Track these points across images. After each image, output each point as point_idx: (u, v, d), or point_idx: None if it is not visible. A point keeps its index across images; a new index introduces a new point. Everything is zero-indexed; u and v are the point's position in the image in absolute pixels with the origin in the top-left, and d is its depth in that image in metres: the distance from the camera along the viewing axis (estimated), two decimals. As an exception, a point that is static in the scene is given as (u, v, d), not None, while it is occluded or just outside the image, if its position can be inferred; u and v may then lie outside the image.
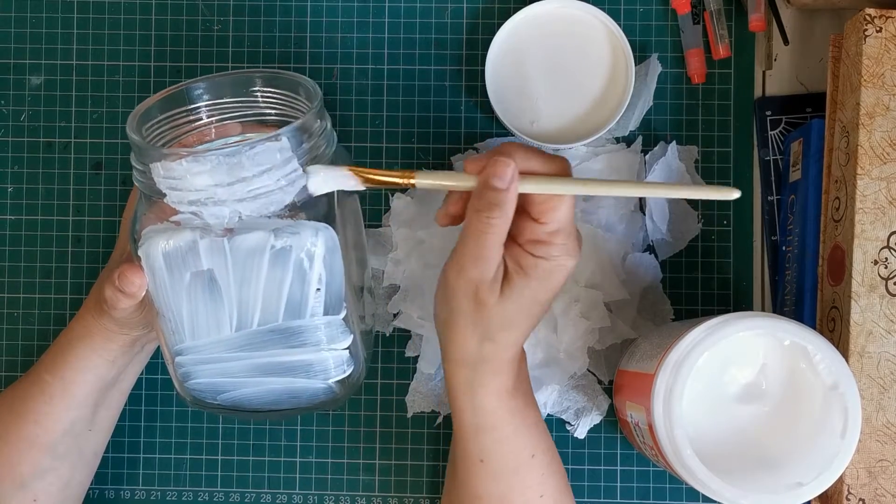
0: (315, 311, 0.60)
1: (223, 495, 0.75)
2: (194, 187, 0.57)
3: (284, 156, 0.58)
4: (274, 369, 0.61)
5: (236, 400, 0.63)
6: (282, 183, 0.58)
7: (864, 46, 0.64)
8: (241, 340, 0.61)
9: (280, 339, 0.61)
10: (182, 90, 0.65)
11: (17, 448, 0.66)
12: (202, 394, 0.63)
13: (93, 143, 0.76)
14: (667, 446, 0.59)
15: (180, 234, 0.58)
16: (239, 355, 0.61)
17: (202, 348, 0.61)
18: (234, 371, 0.62)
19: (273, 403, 0.63)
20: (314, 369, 0.62)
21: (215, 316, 0.60)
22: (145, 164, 0.59)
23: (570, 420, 0.73)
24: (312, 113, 0.60)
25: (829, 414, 0.60)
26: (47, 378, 0.67)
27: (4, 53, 0.77)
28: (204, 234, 0.58)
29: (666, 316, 0.73)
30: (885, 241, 0.64)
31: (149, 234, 0.59)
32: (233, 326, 0.60)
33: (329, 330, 0.61)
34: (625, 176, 0.73)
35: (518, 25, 0.73)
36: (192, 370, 0.62)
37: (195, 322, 0.61)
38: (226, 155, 0.56)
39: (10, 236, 0.76)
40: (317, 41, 0.76)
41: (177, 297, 0.60)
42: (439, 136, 0.75)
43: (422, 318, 0.72)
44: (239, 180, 0.57)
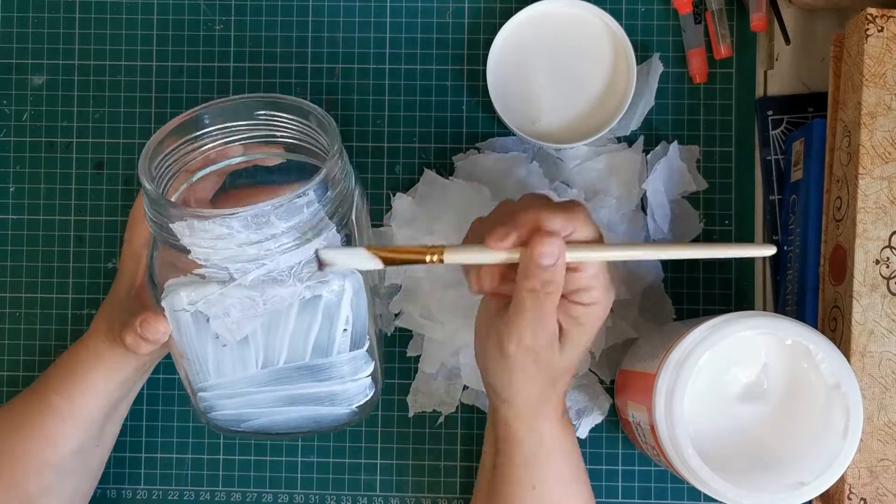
0: (341, 349, 0.60)
1: (225, 495, 0.75)
2: (221, 246, 0.56)
3: (311, 209, 0.57)
4: (299, 400, 0.62)
5: (259, 427, 0.63)
6: (309, 235, 0.57)
7: (866, 46, 0.64)
8: (266, 377, 0.61)
9: (306, 375, 0.61)
10: (188, 120, 0.64)
11: (24, 467, 0.66)
12: (225, 423, 0.63)
13: (95, 142, 0.76)
14: (668, 446, 0.59)
15: (207, 290, 0.58)
16: (264, 389, 0.61)
17: (226, 384, 0.61)
18: (259, 402, 0.62)
19: (295, 428, 0.64)
20: (338, 398, 0.62)
21: (241, 357, 0.60)
22: (162, 216, 0.57)
23: (571, 420, 0.73)
24: (335, 159, 0.59)
25: (831, 413, 0.59)
26: (56, 400, 0.66)
27: (6, 53, 0.77)
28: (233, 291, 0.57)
29: (667, 315, 0.73)
30: (886, 241, 0.64)
31: (173, 288, 0.59)
32: (259, 365, 0.60)
33: (353, 363, 0.61)
34: (625, 175, 0.73)
35: (519, 25, 0.73)
36: (216, 403, 0.62)
37: (220, 364, 0.61)
38: (253, 214, 0.55)
39: (11, 236, 0.76)
40: (318, 41, 0.76)
41: (202, 344, 0.60)
42: (441, 136, 0.75)
43: (423, 318, 0.72)
44: (267, 238, 0.56)
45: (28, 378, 0.75)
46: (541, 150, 0.74)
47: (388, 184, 0.75)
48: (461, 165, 0.74)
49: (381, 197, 0.75)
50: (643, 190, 0.73)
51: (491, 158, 0.73)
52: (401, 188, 0.75)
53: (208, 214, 0.55)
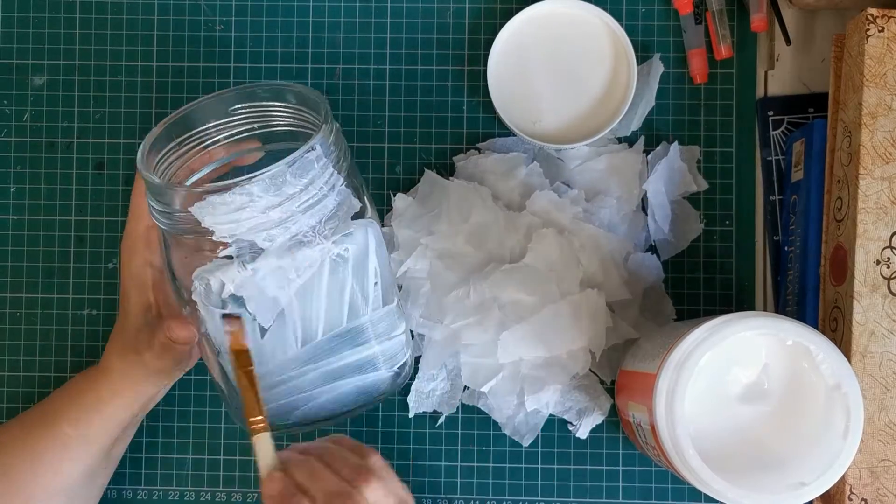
0: (375, 304, 0.61)
1: (225, 495, 0.75)
2: (245, 217, 0.56)
3: (320, 162, 0.57)
4: (343, 372, 0.62)
5: (310, 412, 0.63)
6: (324, 190, 0.58)
7: (867, 46, 0.64)
8: (308, 354, 0.61)
9: (346, 341, 0.61)
10: (183, 116, 0.64)
11: (32, 493, 0.66)
12: (276, 417, 0.62)
13: (95, 143, 0.76)
14: (669, 446, 0.59)
15: (238, 268, 0.57)
16: (307, 368, 0.61)
17: (270, 373, 0.61)
18: (305, 385, 0.61)
19: (345, 404, 0.63)
20: (380, 361, 0.62)
21: (281, 337, 0.60)
22: (170, 206, 0.57)
23: (572, 420, 0.73)
24: (329, 116, 0.60)
25: (832, 414, 0.59)
26: (68, 430, 0.66)
27: (7, 54, 0.77)
28: (264, 263, 0.57)
29: (668, 316, 0.73)
30: (887, 241, 0.64)
31: (201, 277, 0.58)
32: (299, 343, 0.60)
33: (389, 319, 0.62)
34: (626, 175, 0.73)
35: (520, 25, 0.73)
36: (264, 397, 0.61)
37: (261, 349, 0.60)
38: (270, 176, 0.55)
39: (12, 236, 0.76)
40: (319, 41, 0.76)
41: None
42: (441, 136, 0.75)
43: (424, 319, 0.72)
44: (288, 198, 0.56)
45: (28, 378, 0.75)
46: (541, 151, 0.74)
47: (389, 184, 0.75)
48: (462, 166, 0.74)
49: (381, 197, 0.75)
50: (644, 190, 0.73)
51: (491, 159, 0.73)
52: (401, 188, 0.75)
53: (227, 186, 0.55)
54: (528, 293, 0.70)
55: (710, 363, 0.60)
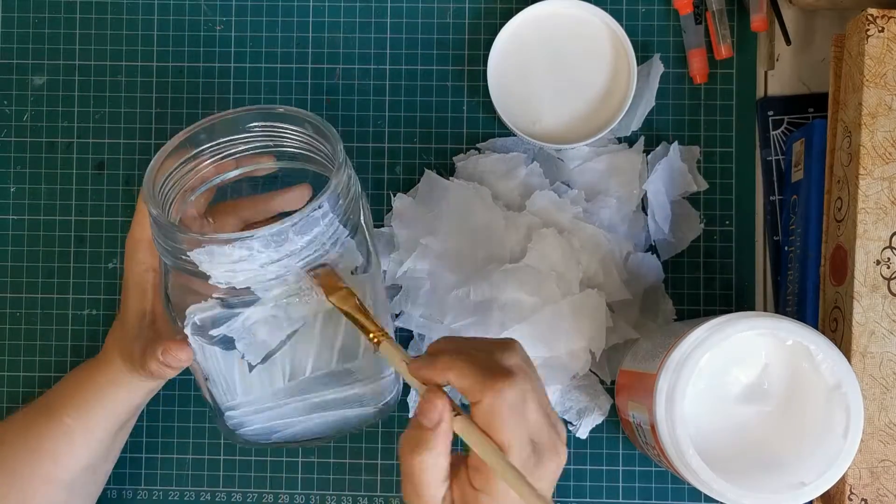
0: (367, 347, 0.59)
1: (225, 495, 0.75)
2: (242, 268, 0.55)
3: (326, 219, 0.56)
4: (327, 406, 0.62)
5: (289, 437, 0.63)
6: (327, 246, 0.57)
7: (867, 46, 0.64)
8: (294, 389, 0.60)
9: (334, 380, 0.60)
10: (184, 141, 0.63)
11: (33, 485, 0.66)
12: (255, 438, 0.63)
13: (95, 143, 0.76)
14: (669, 446, 0.59)
15: (231, 313, 0.57)
16: (291, 400, 0.61)
17: (254, 401, 0.61)
18: (288, 413, 0.62)
19: (325, 433, 0.63)
20: (366, 398, 0.62)
21: (268, 373, 0.60)
22: (175, 245, 0.56)
23: (572, 420, 0.73)
24: (343, 168, 0.58)
25: (832, 414, 0.59)
26: (69, 421, 0.66)
27: (7, 54, 0.77)
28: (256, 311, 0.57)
29: (668, 316, 0.73)
30: (887, 241, 0.64)
31: (194, 314, 0.58)
32: (286, 379, 0.60)
33: (379, 362, 0.61)
34: (626, 175, 0.73)
35: (520, 25, 0.73)
36: (245, 420, 0.62)
37: (248, 383, 0.60)
38: (273, 233, 0.54)
39: (12, 236, 0.76)
40: (319, 41, 0.76)
41: (229, 366, 0.60)
42: (442, 137, 0.75)
43: (424, 319, 0.72)
44: (288, 255, 0.55)
45: (28, 378, 0.75)
46: (541, 151, 0.74)
47: (389, 184, 0.75)
48: (462, 166, 0.74)
49: (381, 197, 0.75)
50: (644, 190, 0.73)
51: (491, 159, 0.73)
52: (401, 189, 0.75)
53: (228, 239, 0.54)
54: (529, 293, 0.70)
55: (710, 363, 0.60)
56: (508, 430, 0.49)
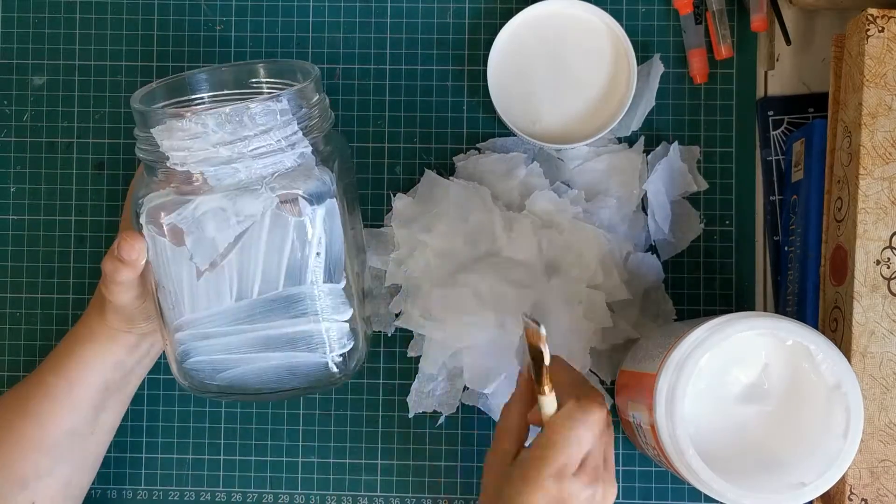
0: (315, 276, 0.61)
1: (225, 495, 0.75)
2: (196, 146, 0.58)
3: (284, 117, 0.59)
4: (274, 342, 0.61)
5: (235, 378, 0.63)
6: (282, 144, 0.59)
7: (867, 46, 0.64)
8: (241, 311, 0.61)
9: (281, 308, 0.61)
10: (184, 80, 0.66)
11: (18, 448, 0.66)
12: (201, 373, 0.63)
13: (95, 143, 0.76)
14: (669, 446, 0.59)
15: (183, 199, 0.59)
16: (239, 328, 0.61)
17: (202, 322, 0.62)
18: (234, 346, 0.62)
19: (273, 381, 0.63)
20: (314, 341, 0.62)
21: (216, 286, 0.61)
22: (148, 132, 0.59)
23: (572, 420, 0.73)
24: (311, 82, 0.61)
25: (832, 414, 0.59)
26: (51, 379, 0.67)
27: (7, 54, 0.77)
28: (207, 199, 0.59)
29: (668, 316, 0.73)
30: (887, 241, 0.64)
31: (150, 201, 0.60)
32: (233, 296, 0.61)
33: (330, 298, 0.61)
34: (626, 175, 0.73)
35: (520, 25, 0.73)
36: (192, 347, 0.62)
37: (195, 293, 0.61)
38: (228, 113, 0.57)
39: (12, 236, 0.76)
40: (319, 41, 0.76)
41: (178, 267, 0.61)
42: (442, 136, 0.75)
43: (423, 318, 0.72)
44: (240, 139, 0.58)
45: (28, 378, 0.75)
46: (541, 151, 0.74)
47: (389, 184, 0.75)
48: (462, 166, 0.74)
49: (381, 197, 0.75)
50: (644, 190, 0.73)
51: (491, 159, 0.73)
52: (401, 188, 0.75)
53: (184, 113, 0.58)
54: (513, 284, 0.70)
55: (710, 363, 0.60)
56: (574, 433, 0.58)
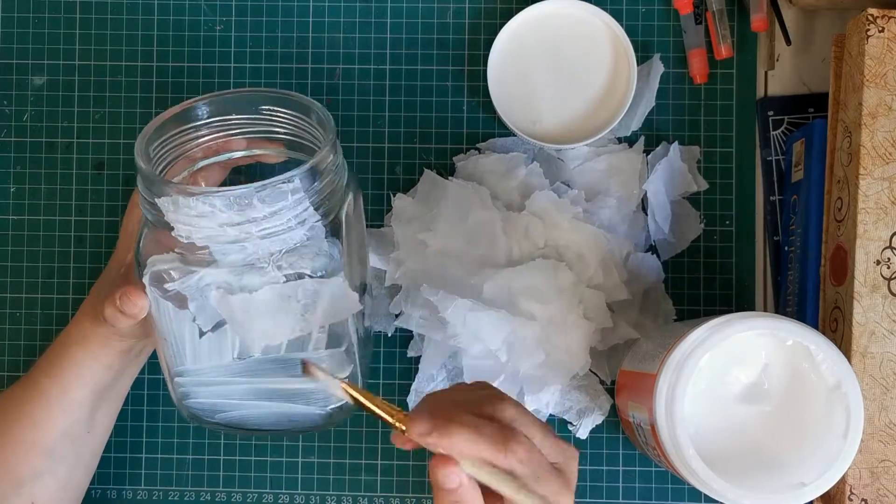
0: (318, 345, 0.60)
1: (225, 495, 0.75)
2: (203, 225, 0.56)
3: (295, 196, 0.57)
4: (273, 395, 0.62)
5: (233, 420, 0.63)
6: (292, 223, 0.57)
7: (867, 46, 0.64)
8: (242, 367, 0.61)
9: (281, 368, 0.61)
10: (190, 108, 0.64)
11: (14, 450, 0.66)
12: (200, 412, 0.63)
13: (95, 143, 0.76)
14: (669, 446, 0.59)
15: (187, 269, 0.58)
16: (239, 380, 0.61)
17: (202, 372, 0.61)
18: (233, 394, 0.62)
19: (270, 424, 0.63)
20: (313, 397, 0.62)
21: (218, 345, 0.60)
22: (152, 196, 0.58)
23: (572, 420, 0.73)
24: (326, 149, 0.59)
25: (832, 414, 0.59)
26: (44, 381, 0.66)
27: (7, 54, 0.77)
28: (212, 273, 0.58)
29: (668, 316, 0.73)
30: (887, 242, 0.64)
31: (154, 264, 0.59)
32: (235, 354, 0.60)
33: (330, 362, 0.61)
34: (626, 175, 0.73)
35: (520, 26, 0.73)
36: (192, 390, 0.62)
37: (197, 349, 0.61)
38: (236, 196, 0.56)
39: (12, 236, 0.76)
40: (319, 41, 0.76)
41: (180, 326, 0.60)
42: (442, 137, 0.75)
43: (423, 319, 0.72)
44: (249, 220, 0.56)
45: (28, 378, 0.75)
46: (541, 151, 0.74)
47: (389, 184, 0.75)
48: (462, 166, 0.74)
49: (381, 197, 0.75)
50: (644, 190, 0.73)
51: (491, 159, 0.73)
52: (401, 188, 0.75)
53: (192, 192, 0.56)
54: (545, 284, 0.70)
55: (710, 363, 0.60)
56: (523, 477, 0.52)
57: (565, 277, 0.71)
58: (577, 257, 0.71)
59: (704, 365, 0.60)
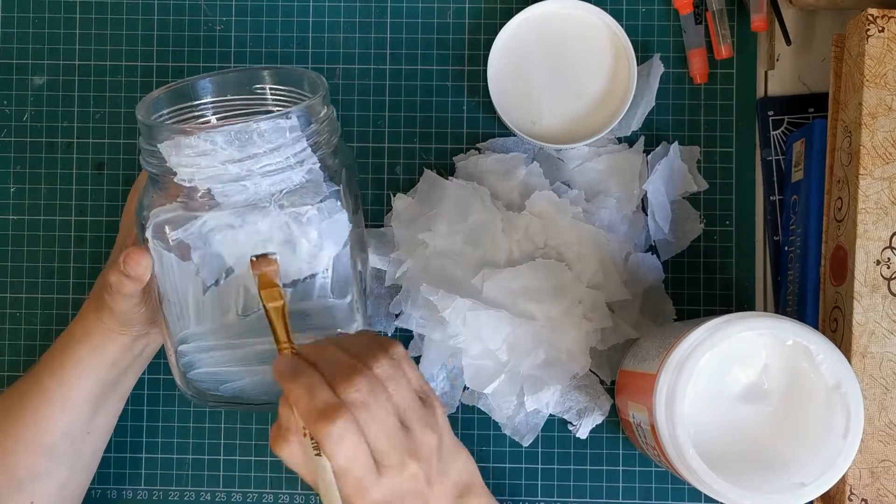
0: (324, 291, 0.60)
1: (225, 495, 0.75)
2: (205, 163, 0.57)
3: (293, 134, 0.58)
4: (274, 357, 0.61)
5: (237, 391, 0.63)
6: (291, 161, 0.58)
7: (867, 46, 0.64)
8: (246, 326, 0.61)
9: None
10: (188, 85, 0.65)
11: (14, 450, 0.66)
12: (203, 384, 0.63)
13: (95, 143, 0.76)
14: (669, 446, 0.59)
15: (190, 215, 0.59)
16: (243, 342, 0.61)
17: (206, 335, 0.61)
18: (237, 359, 0.62)
19: (275, 393, 0.62)
20: None
21: (221, 300, 0.60)
22: (154, 145, 0.58)
23: (572, 420, 0.73)
24: (319, 97, 0.61)
25: (832, 414, 0.59)
26: (46, 380, 0.66)
27: (7, 54, 0.77)
28: (214, 216, 0.58)
29: (668, 316, 0.73)
30: (887, 242, 0.64)
31: (157, 215, 0.60)
32: (239, 310, 0.60)
33: (337, 313, 0.61)
34: (626, 175, 0.73)
35: (520, 25, 0.73)
36: (195, 359, 0.62)
37: (201, 307, 0.61)
38: (236, 131, 0.57)
39: (12, 236, 0.76)
40: (319, 41, 0.76)
41: (183, 281, 0.60)
42: (441, 137, 0.75)
43: (423, 319, 0.72)
44: (249, 156, 0.57)
45: (28, 378, 0.75)
46: (541, 151, 0.74)
47: (389, 184, 0.75)
48: (462, 166, 0.74)
49: (381, 197, 0.75)
50: (644, 190, 0.73)
51: (491, 159, 0.73)
52: (401, 188, 0.75)
53: (193, 130, 0.57)
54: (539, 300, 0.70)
55: (710, 363, 0.60)
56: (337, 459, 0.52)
57: (565, 277, 0.71)
58: (577, 257, 0.71)
59: (704, 365, 0.60)
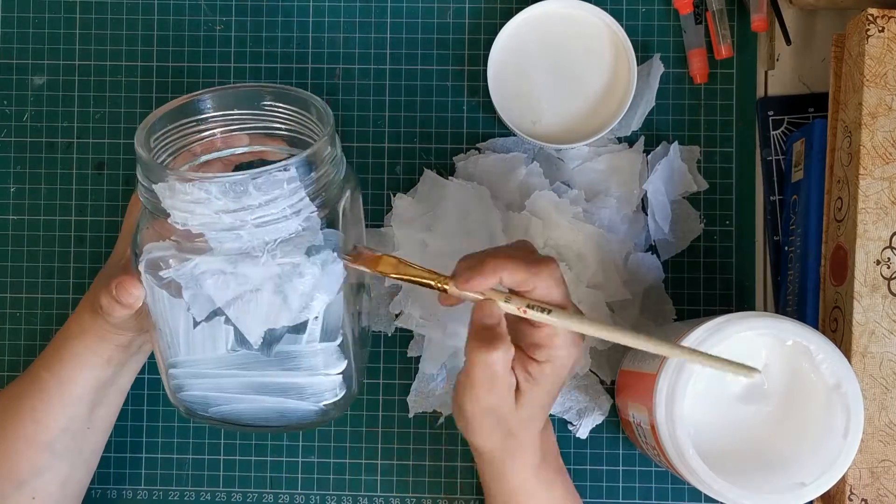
0: (312, 337, 0.60)
1: (225, 495, 0.75)
2: (198, 211, 0.56)
3: (291, 185, 0.57)
4: (266, 389, 0.61)
5: (227, 414, 0.63)
6: (287, 212, 0.57)
7: (867, 46, 0.64)
8: (235, 360, 0.60)
9: (275, 361, 0.60)
10: (192, 101, 0.64)
11: (15, 446, 0.66)
12: (194, 405, 0.63)
13: (95, 143, 0.76)
14: (669, 446, 0.59)
15: (182, 256, 0.58)
16: (232, 373, 0.61)
17: (196, 363, 0.61)
18: (227, 387, 0.61)
19: (263, 420, 0.63)
20: (306, 392, 0.61)
21: (212, 336, 0.60)
22: (150, 183, 0.58)
23: (572, 420, 0.73)
24: (324, 140, 0.60)
25: (832, 414, 0.59)
26: (44, 375, 0.67)
27: (7, 53, 0.77)
28: (207, 260, 0.58)
29: (668, 316, 0.73)
30: (887, 241, 0.64)
31: (150, 251, 0.59)
32: (228, 345, 0.60)
33: (324, 356, 0.61)
34: (626, 175, 0.73)
35: (520, 25, 0.73)
36: (185, 383, 0.62)
37: (191, 340, 0.60)
38: (231, 182, 0.56)
39: (12, 236, 0.76)
40: (319, 41, 0.76)
41: (174, 315, 0.60)
42: (442, 137, 0.75)
43: (423, 319, 0.72)
44: (244, 208, 0.56)
45: (28, 378, 0.75)
46: (541, 151, 0.74)
47: (389, 184, 0.75)
48: (462, 166, 0.74)
49: (381, 197, 0.75)
50: (644, 190, 0.73)
51: (491, 159, 0.73)
52: (401, 188, 0.75)
53: (188, 177, 0.56)
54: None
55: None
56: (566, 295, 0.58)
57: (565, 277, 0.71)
58: (577, 257, 0.71)
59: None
